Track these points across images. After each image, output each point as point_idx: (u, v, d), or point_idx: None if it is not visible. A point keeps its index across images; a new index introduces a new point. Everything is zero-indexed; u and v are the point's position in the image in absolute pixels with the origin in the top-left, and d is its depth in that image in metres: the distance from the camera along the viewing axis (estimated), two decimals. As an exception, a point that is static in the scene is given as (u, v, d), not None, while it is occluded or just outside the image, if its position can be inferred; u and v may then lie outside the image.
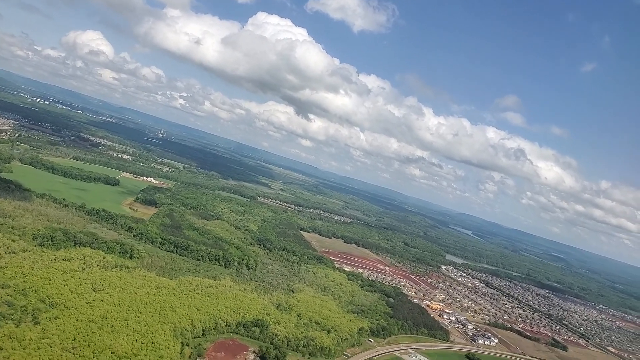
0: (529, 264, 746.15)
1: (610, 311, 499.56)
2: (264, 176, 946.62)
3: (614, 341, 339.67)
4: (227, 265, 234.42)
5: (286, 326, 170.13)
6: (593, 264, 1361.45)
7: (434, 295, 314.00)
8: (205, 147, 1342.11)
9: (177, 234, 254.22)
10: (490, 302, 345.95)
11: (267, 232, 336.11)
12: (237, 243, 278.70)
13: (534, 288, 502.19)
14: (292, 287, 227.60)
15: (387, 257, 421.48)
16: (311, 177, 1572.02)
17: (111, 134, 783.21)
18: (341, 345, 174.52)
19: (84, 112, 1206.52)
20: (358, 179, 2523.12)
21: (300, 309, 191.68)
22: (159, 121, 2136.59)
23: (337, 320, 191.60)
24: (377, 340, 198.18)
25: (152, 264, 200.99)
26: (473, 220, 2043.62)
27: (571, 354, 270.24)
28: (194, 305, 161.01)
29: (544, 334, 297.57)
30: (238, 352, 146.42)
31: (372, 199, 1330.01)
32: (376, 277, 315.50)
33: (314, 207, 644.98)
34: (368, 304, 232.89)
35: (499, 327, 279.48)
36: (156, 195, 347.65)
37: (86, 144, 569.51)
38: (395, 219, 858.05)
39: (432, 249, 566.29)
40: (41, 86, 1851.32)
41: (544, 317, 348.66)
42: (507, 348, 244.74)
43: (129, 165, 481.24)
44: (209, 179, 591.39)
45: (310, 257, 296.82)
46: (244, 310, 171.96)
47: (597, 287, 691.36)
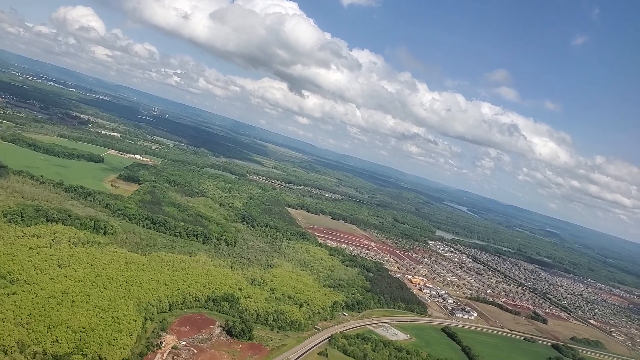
0: (521, 240, 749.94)
1: (598, 285, 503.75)
2: (257, 154, 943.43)
3: (596, 314, 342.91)
4: (205, 241, 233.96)
5: (257, 301, 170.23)
6: (587, 239, 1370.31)
7: (417, 270, 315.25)
8: (200, 125, 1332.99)
9: (156, 211, 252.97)
10: (475, 277, 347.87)
11: (251, 209, 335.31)
12: (218, 220, 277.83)
13: (523, 263, 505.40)
14: (270, 262, 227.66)
15: (375, 233, 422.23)
16: (307, 155, 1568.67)
17: (102, 112, 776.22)
18: (312, 318, 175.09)
19: (77, 90, 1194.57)
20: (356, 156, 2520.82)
21: (275, 284, 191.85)
22: (155, 99, 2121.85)
23: (311, 295, 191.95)
24: (351, 314, 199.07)
25: (127, 240, 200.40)
26: (470, 197, 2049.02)
27: (550, 326, 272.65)
28: (162, 280, 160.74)
29: (526, 308, 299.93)
30: (204, 327, 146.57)
31: (368, 177, 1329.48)
32: (360, 252, 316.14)
33: (305, 184, 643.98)
34: (346, 278, 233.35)
35: (480, 301, 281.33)
36: (140, 172, 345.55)
37: (74, 122, 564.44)
38: (388, 195, 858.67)
39: (423, 225, 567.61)
40: (34, 64, 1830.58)
41: (528, 291, 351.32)
42: (485, 322, 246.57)
43: (116, 143, 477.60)
44: (198, 156, 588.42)
45: (293, 234, 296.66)
46: (214, 285, 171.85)
47: (588, 262, 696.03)
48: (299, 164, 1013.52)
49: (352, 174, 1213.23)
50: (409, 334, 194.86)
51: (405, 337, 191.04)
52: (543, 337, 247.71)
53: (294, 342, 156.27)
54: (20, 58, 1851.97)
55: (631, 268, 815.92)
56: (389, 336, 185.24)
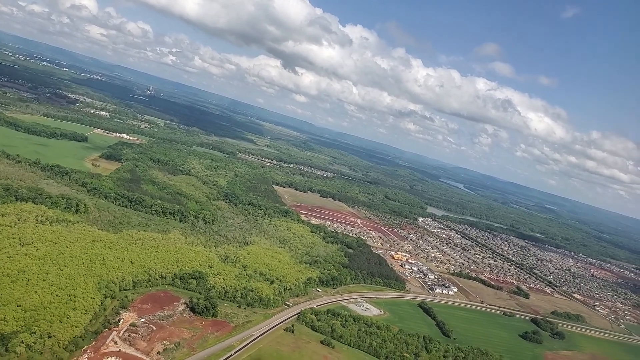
0: (515, 216, 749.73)
1: (588, 260, 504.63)
2: (251, 132, 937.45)
3: (582, 288, 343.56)
4: (182, 219, 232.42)
5: (226, 278, 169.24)
6: (585, 215, 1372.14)
7: (401, 246, 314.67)
8: (195, 104, 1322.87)
9: (133, 189, 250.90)
10: (461, 253, 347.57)
11: (235, 187, 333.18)
12: (198, 198, 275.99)
13: (514, 239, 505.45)
14: (247, 240, 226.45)
15: (363, 210, 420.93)
16: (304, 134, 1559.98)
17: (94, 92, 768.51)
18: (283, 295, 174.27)
19: (71, 70, 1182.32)
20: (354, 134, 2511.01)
21: (248, 261, 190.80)
22: (152, 78, 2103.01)
23: (285, 271, 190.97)
24: (326, 290, 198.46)
25: (100, 218, 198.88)
26: (468, 174, 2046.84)
27: (532, 300, 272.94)
28: (129, 258, 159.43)
29: (509, 283, 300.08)
30: (167, 304, 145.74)
31: (364, 154, 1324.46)
32: (344, 229, 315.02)
33: (297, 162, 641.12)
34: (324, 255, 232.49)
35: (462, 277, 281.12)
36: (123, 151, 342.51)
37: (62, 101, 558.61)
38: (383, 173, 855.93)
39: (414, 201, 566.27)
40: (29, 43, 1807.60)
41: (514, 267, 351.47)
42: (465, 297, 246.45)
43: (104, 122, 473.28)
44: (188, 135, 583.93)
45: (275, 211, 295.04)
46: (183, 262, 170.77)
47: (582, 237, 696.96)
48: (294, 142, 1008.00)
49: (348, 152, 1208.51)
50: (383, 309, 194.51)
51: (378, 312, 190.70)
52: (523, 311, 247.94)
53: (261, 318, 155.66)
54: (15, 38, 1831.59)
55: (625, 243, 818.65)
56: (362, 312, 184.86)
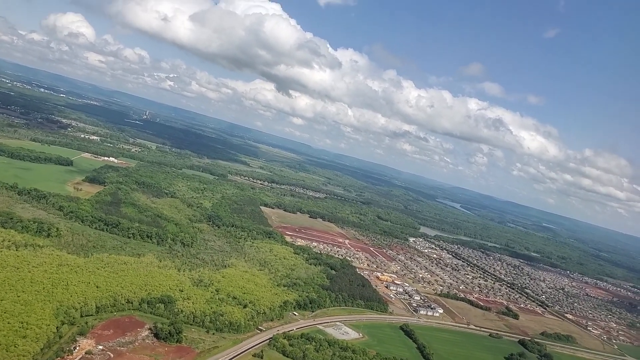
0: (511, 235, 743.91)
1: (584, 279, 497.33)
2: (246, 155, 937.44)
3: (575, 308, 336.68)
4: (159, 242, 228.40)
5: (196, 302, 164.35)
6: (583, 234, 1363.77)
7: (388, 267, 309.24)
8: (192, 128, 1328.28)
9: (112, 212, 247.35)
10: (450, 273, 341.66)
11: (220, 209, 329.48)
12: (179, 220, 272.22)
13: (507, 258, 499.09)
14: (225, 262, 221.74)
15: (352, 230, 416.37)
16: (301, 155, 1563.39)
17: (88, 116, 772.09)
18: (255, 319, 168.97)
19: (68, 96, 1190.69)
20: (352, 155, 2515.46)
21: (221, 285, 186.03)
22: (150, 103, 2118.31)
23: (260, 295, 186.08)
24: (303, 314, 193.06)
25: (72, 242, 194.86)
26: (466, 194, 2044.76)
27: (522, 321, 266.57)
28: (94, 282, 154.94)
29: (499, 303, 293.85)
30: (131, 329, 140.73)
31: (360, 175, 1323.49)
32: (330, 250, 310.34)
33: (290, 183, 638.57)
34: (305, 277, 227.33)
35: (450, 298, 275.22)
36: (107, 174, 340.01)
37: (54, 126, 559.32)
38: (377, 193, 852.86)
39: (407, 221, 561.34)
40: (29, 71, 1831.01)
41: (505, 287, 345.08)
42: (451, 318, 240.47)
43: (93, 146, 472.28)
44: (179, 157, 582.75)
45: (259, 233, 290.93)
46: (153, 286, 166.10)
47: (578, 256, 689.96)
48: (288, 163, 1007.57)
49: (344, 173, 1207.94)
50: (362, 332, 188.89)
51: (357, 335, 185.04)
52: (511, 332, 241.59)
53: (229, 343, 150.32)
54: (15, 66, 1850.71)
55: (624, 261, 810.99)
56: (339, 335, 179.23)
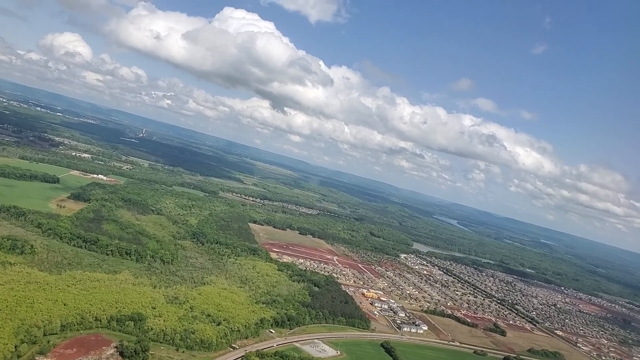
0: (506, 251, 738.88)
1: (578, 295, 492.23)
2: (241, 172, 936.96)
3: (566, 324, 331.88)
4: (138, 259, 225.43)
5: (167, 319, 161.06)
6: (582, 250, 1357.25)
7: (375, 284, 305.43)
8: (188, 146, 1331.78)
9: (93, 229, 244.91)
10: (439, 289, 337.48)
11: (205, 226, 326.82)
12: (161, 237, 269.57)
13: (500, 274, 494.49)
14: (204, 280, 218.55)
15: (342, 247, 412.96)
16: (298, 172, 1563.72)
17: (82, 134, 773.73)
18: (229, 337, 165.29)
19: (64, 115, 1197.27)
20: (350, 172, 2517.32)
21: (197, 302, 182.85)
22: (149, 122, 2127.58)
23: (235, 312, 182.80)
24: (280, 331, 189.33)
25: (47, 259, 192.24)
26: (464, 210, 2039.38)
27: (509, 338, 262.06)
28: (62, 300, 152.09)
29: (487, 320, 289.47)
30: (96, 348, 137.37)
31: (357, 192, 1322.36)
32: (317, 266, 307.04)
33: (283, 200, 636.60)
34: (286, 294, 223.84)
35: (436, 314, 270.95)
36: (93, 191, 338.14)
37: (45, 144, 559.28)
38: (372, 210, 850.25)
39: (400, 238, 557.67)
40: (27, 90, 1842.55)
41: (495, 303, 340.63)
42: (436, 335, 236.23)
43: (83, 164, 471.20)
44: (171, 175, 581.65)
45: (243, 250, 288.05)
46: (124, 304, 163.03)
47: (574, 272, 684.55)
48: (284, 180, 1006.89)
49: (341, 189, 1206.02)
50: (340, 350, 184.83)
51: (334, 353, 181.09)
52: (497, 349, 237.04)
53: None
54: (14, 85, 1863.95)
55: (621, 277, 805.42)
56: (316, 353, 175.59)
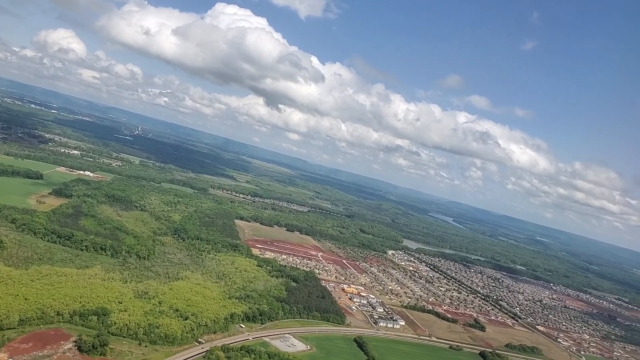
0: (499, 248, 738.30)
1: (567, 291, 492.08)
2: (235, 169, 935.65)
3: (549, 320, 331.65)
4: (113, 254, 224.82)
5: (133, 314, 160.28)
6: (578, 247, 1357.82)
7: (357, 279, 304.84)
8: (184, 143, 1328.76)
9: (69, 225, 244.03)
10: (423, 285, 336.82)
11: (188, 222, 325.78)
12: (140, 233, 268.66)
13: (489, 271, 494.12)
14: (179, 275, 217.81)
15: (329, 243, 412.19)
16: (295, 170, 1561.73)
17: (75, 132, 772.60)
18: (195, 331, 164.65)
19: (60, 112, 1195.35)
20: (348, 171, 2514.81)
21: (166, 297, 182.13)
22: (147, 120, 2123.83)
23: (205, 307, 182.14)
24: (251, 326, 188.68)
25: (16, 254, 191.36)
26: (462, 208, 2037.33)
27: (488, 333, 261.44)
28: (24, 294, 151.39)
29: (468, 315, 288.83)
30: (54, 342, 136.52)
31: (353, 190, 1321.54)
32: (299, 262, 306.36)
33: (275, 197, 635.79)
34: (262, 289, 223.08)
35: (416, 310, 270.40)
36: (76, 187, 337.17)
37: (34, 141, 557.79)
38: (366, 207, 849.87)
39: (390, 235, 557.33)
40: (24, 88, 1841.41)
41: (480, 299, 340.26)
42: (413, 330, 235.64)
43: (70, 160, 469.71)
44: (162, 172, 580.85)
45: (224, 245, 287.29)
46: (89, 299, 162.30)
47: (566, 269, 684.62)
48: (279, 178, 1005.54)
49: (337, 187, 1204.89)
50: (311, 344, 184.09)
51: (304, 348, 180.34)
52: (474, 344, 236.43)
53: (160, 356, 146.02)
54: (11, 83, 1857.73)
55: (614, 274, 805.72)
56: (285, 348, 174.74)
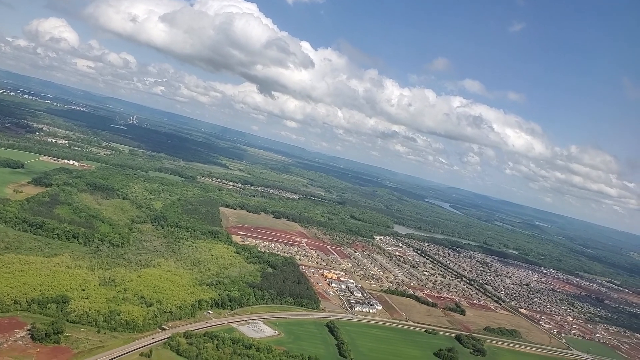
0: (493, 233, 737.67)
1: (557, 275, 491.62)
2: (229, 157, 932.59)
3: (534, 303, 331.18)
4: (86, 242, 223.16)
5: (94, 301, 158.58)
6: (576, 231, 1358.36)
7: (339, 265, 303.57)
8: (179, 132, 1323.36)
9: (43, 213, 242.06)
10: (407, 270, 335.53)
11: (169, 210, 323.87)
12: (116, 221, 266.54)
13: (479, 255, 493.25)
14: (152, 262, 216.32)
15: (315, 229, 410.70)
16: (292, 158, 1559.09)
17: (67, 121, 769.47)
18: (159, 318, 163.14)
19: (54, 102, 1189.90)
20: (347, 158, 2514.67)
21: (133, 284, 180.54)
22: (143, 109, 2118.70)
23: (172, 293, 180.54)
24: (220, 312, 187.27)
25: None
26: (460, 194, 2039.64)
27: (468, 317, 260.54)
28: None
29: (450, 299, 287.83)
30: (7, 331, 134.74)
31: (350, 177, 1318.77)
32: (281, 248, 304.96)
33: (266, 185, 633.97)
34: (236, 275, 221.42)
35: (396, 294, 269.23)
36: (57, 176, 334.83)
37: (22, 131, 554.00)
38: (360, 194, 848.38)
39: (381, 220, 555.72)
40: (20, 78, 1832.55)
41: (464, 283, 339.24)
42: (390, 315, 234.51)
43: (56, 150, 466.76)
44: (150, 160, 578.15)
45: (203, 233, 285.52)
46: (50, 286, 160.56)
47: (559, 253, 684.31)
48: (274, 166, 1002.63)
49: (333, 175, 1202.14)
50: (280, 330, 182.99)
51: (272, 333, 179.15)
52: (452, 328, 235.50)
53: (119, 343, 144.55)
54: (7, 74, 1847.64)
55: (609, 257, 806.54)
56: (252, 333, 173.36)
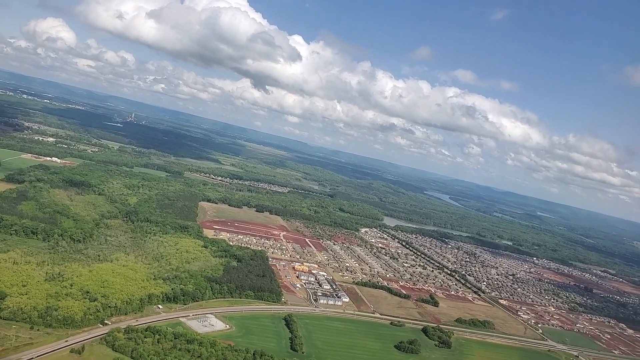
0: (488, 224, 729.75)
1: (548, 265, 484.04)
2: (224, 153, 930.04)
3: (516, 293, 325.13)
4: (45, 238, 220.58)
5: (33, 297, 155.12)
6: (578, 221, 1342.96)
7: (314, 257, 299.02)
8: (178, 129, 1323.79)
9: (4, 210, 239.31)
10: (386, 262, 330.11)
11: (143, 205, 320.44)
12: (83, 216, 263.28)
13: (467, 246, 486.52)
14: (111, 257, 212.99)
15: (298, 222, 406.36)
16: (292, 152, 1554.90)
17: (60, 120, 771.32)
18: (101, 313, 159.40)
19: (53, 101, 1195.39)
20: (349, 152, 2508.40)
21: (81, 279, 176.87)
22: (145, 107, 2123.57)
23: (121, 288, 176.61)
24: (171, 307, 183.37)
25: None
26: (463, 185, 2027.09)
27: (441, 308, 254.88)
28: None
29: (425, 291, 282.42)
30: None
31: (349, 170, 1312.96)
32: (255, 242, 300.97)
33: (257, 179, 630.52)
34: (196, 270, 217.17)
35: (369, 286, 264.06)
36: (32, 172, 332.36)
37: (9, 129, 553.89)
38: (354, 187, 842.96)
39: (371, 213, 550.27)
40: (22, 79, 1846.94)
41: (445, 274, 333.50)
42: (357, 307, 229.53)
43: (40, 147, 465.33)
44: (138, 156, 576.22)
45: (173, 227, 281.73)
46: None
47: (556, 243, 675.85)
48: (270, 160, 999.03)
49: (332, 169, 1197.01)
50: (231, 324, 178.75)
51: (223, 327, 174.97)
52: (420, 320, 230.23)
53: (52, 339, 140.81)
54: (10, 75, 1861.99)
55: (608, 246, 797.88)
56: (201, 328, 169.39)
